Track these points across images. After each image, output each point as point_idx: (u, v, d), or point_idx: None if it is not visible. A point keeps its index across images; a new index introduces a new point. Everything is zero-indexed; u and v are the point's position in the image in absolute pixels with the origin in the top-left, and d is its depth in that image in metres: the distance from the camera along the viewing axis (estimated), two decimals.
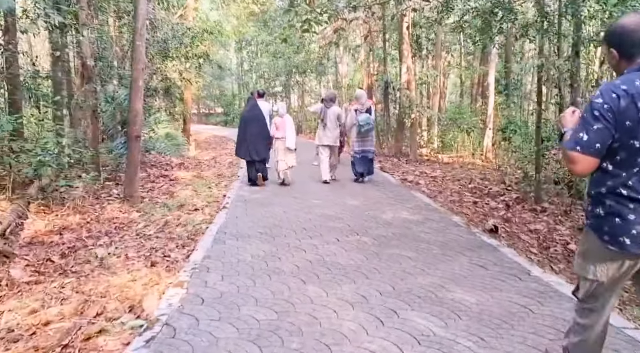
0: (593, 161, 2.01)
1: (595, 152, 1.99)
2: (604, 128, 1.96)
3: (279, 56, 21.50)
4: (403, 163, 14.76)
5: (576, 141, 2.01)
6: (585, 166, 2.04)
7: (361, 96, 9.82)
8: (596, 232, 2.11)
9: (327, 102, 9.56)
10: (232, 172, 10.83)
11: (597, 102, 1.99)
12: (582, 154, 1.99)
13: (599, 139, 1.97)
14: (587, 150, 1.98)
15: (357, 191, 8.24)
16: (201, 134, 25.69)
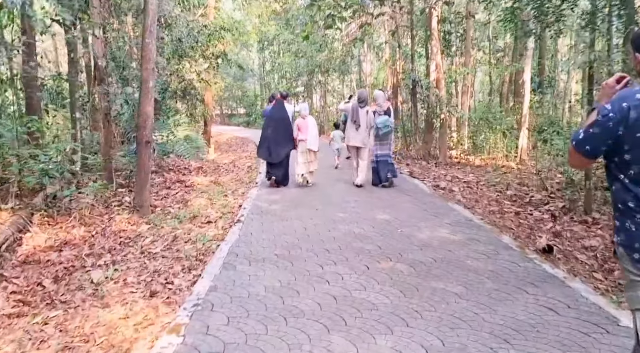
0: (584, 160, 2.02)
1: (585, 152, 1.97)
2: (599, 134, 1.92)
3: (301, 56, 20.71)
4: (432, 166, 13.81)
5: (576, 134, 2.00)
6: (575, 162, 2.09)
7: (379, 97, 9.06)
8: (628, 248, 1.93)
9: (361, 102, 8.76)
10: (250, 177, 10.10)
11: (606, 107, 1.92)
12: (575, 149, 1.99)
13: (590, 143, 1.95)
14: (579, 148, 1.97)
15: (386, 201, 7.38)
16: (223, 135, 25.13)
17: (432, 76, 14.47)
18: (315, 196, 7.81)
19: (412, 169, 11.70)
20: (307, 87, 24.48)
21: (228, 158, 14.36)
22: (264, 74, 30.62)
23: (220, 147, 18.60)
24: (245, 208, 7.05)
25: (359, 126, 8.66)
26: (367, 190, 8.41)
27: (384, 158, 8.82)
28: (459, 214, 6.53)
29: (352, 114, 8.72)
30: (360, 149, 8.81)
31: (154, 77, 7.12)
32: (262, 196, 7.90)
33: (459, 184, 10.21)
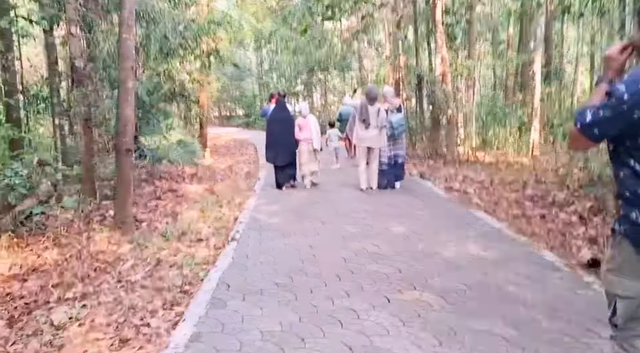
0: (589, 144, 1.88)
1: (592, 136, 1.79)
2: (610, 118, 1.73)
3: (299, 53, 19.82)
4: (441, 165, 12.94)
5: (581, 115, 1.80)
6: (579, 145, 2.03)
7: (388, 93, 8.27)
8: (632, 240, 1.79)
9: (371, 100, 7.86)
10: (249, 185, 9.24)
11: (619, 88, 1.72)
12: (580, 132, 1.81)
13: (599, 127, 1.76)
14: (586, 132, 1.79)
15: (399, 209, 6.51)
16: (221, 138, 24.26)
17: (437, 70, 13.59)
18: (320, 205, 6.94)
19: (421, 170, 10.84)
20: (307, 85, 23.60)
21: (225, 162, 13.50)
22: (262, 73, 29.74)
23: (217, 151, 17.74)
24: (241, 221, 6.19)
25: (368, 125, 7.80)
26: (376, 196, 7.55)
27: (397, 158, 8.11)
28: (485, 223, 5.67)
29: (361, 112, 7.84)
30: (371, 150, 7.96)
31: (133, 77, 6.26)
32: (261, 206, 7.04)
33: (472, 184, 9.35)
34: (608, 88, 1.82)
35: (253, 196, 7.91)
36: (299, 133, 8.40)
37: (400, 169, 8.27)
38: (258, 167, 11.61)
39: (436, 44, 13.86)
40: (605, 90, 1.84)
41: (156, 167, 12.10)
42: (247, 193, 8.41)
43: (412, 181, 8.71)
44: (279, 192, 7.98)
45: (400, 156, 8.17)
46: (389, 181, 8.06)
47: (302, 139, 8.40)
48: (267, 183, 9.05)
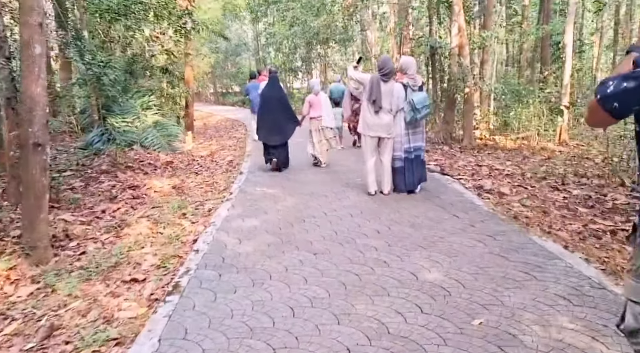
0: (608, 120, 1.61)
1: (612, 110, 1.55)
2: (634, 91, 1.50)
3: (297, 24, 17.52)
4: (457, 152, 10.94)
5: (602, 87, 1.56)
6: (596, 120, 1.70)
7: (410, 65, 5.95)
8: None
9: (385, 74, 5.75)
10: (227, 181, 7.23)
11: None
12: (599, 105, 1.57)
13: (621, 100, 1.53)
14: (606, 105, 1.55)
15: (425, 230, 4.39)
16: (213, 117, 22.18)
17: (453, 41, 11.43)
18: (313, 220, 4.85)
19: (439, 162, 8.82)
20: (306, 61, 21.30)
21: (209, 148, 11.46)
22: (258, 48, 27.33)
23: (205, 132, 15.67)
24: (199, 249, 4.18)
25: (379, 108, 5.71)
26: (389, 205, 5.43)
27: (418, 152, 5.96)
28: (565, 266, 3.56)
29: (371, 90, 5.71)
30: (383, 141, 5.88)
31: (41, 39, 4.18)
32: (234, 220, 5.02)
33: (502, 180, 7.39)
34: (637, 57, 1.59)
35: (228, 200, 5.90)
36: (311, 110, 7.87)
37: (423, 167, 6.14)
38: (244, 155, 9.59)
39: (452, 12, 11.65)
40: (634, 59, 1.59)
41: (125, 154, 10.10)
42: (222, 194, 6.40)
43: (432, 179, 6.69)
44: (260, 196, 5.98)
45: (421, 149, 6.07)
46: (408, 184, 5.96)
47: (313, 116, 7.86)
48: (248, 179, 7.06)
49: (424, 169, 6.11)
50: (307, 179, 6.82)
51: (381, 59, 5.99)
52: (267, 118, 7.75)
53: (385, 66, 5.73)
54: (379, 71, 5.82)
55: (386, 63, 5.80)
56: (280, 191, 6.21)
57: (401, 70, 5.99)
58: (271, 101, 7.79)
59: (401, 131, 5.87)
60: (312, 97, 7.97)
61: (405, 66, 5.91)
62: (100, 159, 9.54)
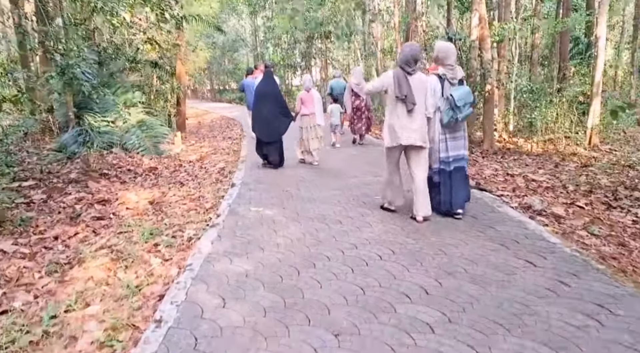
0: None
1: None
2: None
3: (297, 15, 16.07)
4: (478, 157, 9.59)
5: None
6: None
7: (448, 52, 4.42)
8: None
9: (409, 64, 4.41)
10: (216, 196, 5.82)
11: None
12: None
13: None
14: None
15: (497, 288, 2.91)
16: (209, 115, 20.73)
17: (473, 33, 10.04)
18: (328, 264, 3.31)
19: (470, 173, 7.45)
20: (306, 56, 19.83)
21: (200, 150, 10.04)
22: (257, 43, 25.83)
23: (198, 131, 14.24)
24: (162, 318, 2.78)
25: (413, 105, 4.33)
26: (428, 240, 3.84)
27: (459, 163, 4.54)
28: None
29: (399, 85, 4.35)
30: (414, 151, 4.47)
31: None
32: (218, 260, 3.59)
33: (544, 193, 6.05)
34: None
35: (214, 227, 4.49)
36: (302, 107, 7.59)
37: (466, 184, 4.68)
38: (237, 160, 8.19)
39: (472, 1, 10.24)
40: None
41: (104, 157, 8.69)
42: (208, 215, 5.00)
43: None
44: (254, 220, 4.55)
45: (464, 159, 4.64)
46: (444, 204, 4.51)
47: (304, 114, 7.58)
48: (241, 195, 5.65)
49: (467, 186, 4.66)
50: (314, 196, 5.43)
51: (407, 47, 4.52)
52: (262, 114, 7.47)
53: (412, 55, 4.35)
54: (403, 63, 4.43)
55: (413, 50, 4.41)
56: (281, 212, 4.81)
57: (436, 59, 4.51)
58: (266, 96, 7.48)
59: (437, 135, 4.49)
60: (304, 93, 7.65)
61: (443, 54, 4.40)
62: (73, 164, 8.14)
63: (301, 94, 7.73)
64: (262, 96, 7.54)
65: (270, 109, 7.40)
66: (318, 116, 7.55)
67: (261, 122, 7.47)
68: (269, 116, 7.39)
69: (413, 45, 4.60)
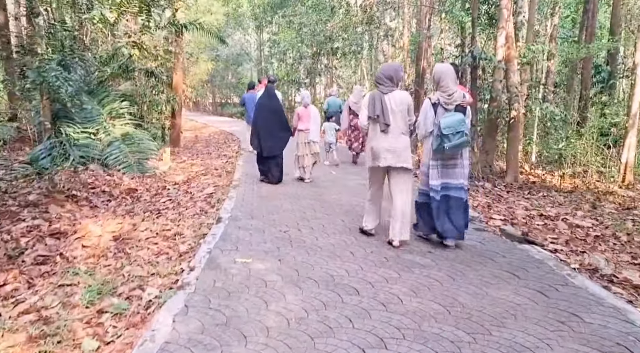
0: None
1: None
2: None
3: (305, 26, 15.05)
4: (502, 191, 8.43)
5: None
6: None
7: (442, 74, 4.10)
8: None
9: (383, 82, 4.22)
10: (197, 232, 4.61)
11: None
12: None
13: None
14: None
15: None
16: (207, 128, 19.63)
17: (499, 53, 8.97)
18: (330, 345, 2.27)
19: (481, 203, 6.33)
20: (311, 73, 18.80)
21: (191, 169, 8.86)
22: (261, 58, 24.89)
23: (193, 146, 13.08)
24: None
25: (386, 126, 4.15)
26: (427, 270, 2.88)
27: (455, 193, 4.19)
28: None
29: (372, 105, 4.22)
30: (395, 172, 4.21)
31: None
32: (179, 350, 2.42)
33: (594, 244, 4.88)
34: None
35: (182, 287, 3.25)
36: (299, 123, 7.48)
37: (463, 212, 4.23)
38: (229, 184, 6.99)
39: (499, 17, 9.20)
40: None
41: (77, 174, 7.51)
42: (179, 264, 3.77)
43: (512, 251, 4.14)
44: (239, 281, 3.26)
45: (461, 189, 4.25)
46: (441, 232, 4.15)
47: (301, 129, 7.46)
48: (227, 236, 4.44)
49: (461, 216, 4.18)
50: (319, 243, 4.21)
51: (382, 68, 4.36)
52: (262, 128, 7.29)
53: (385, 74, 4.17)
54: (377, 82, 4.27)
55: (388, 69, 4.24)
56: (275, 267, 3.59)
57: (433, 83, 4.21)
58: (267, 111, 7.31)
59: (427, 161, 4.20)
60: (302, 109, 7.53)
61: (437, 77, 4.12)
62: (40, 182, 6.96)
63: (299, 109, 7.61)
64: (263, 110, 7.37)
65: (270, 123, 7.25)
66: (313, 132, 7.39)
67: (261, 137, 7.28)
68: (269, 130, 7.24)
69: (390, 64, 4.46)
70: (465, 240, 4.29)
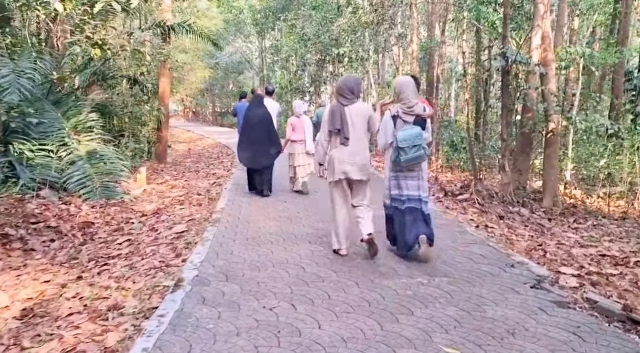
0: None
1: None
2: None
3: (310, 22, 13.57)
4: (543, 220, 6.90)
5: None
6: None
7: (402, 87, 3.98)
8: None
9: (345, 94, 4.06)
10: (145, 302, 3.12)
11: None
12: None
13: None
14: None
15: None
16: (204, 140, 18.20)
17: (535, 55, 7.45)
18: None
19: (529, 241, 4.78)
20: (315, 81, 17.33)
21: (168, 194, 7.34)
22: (263, 65, 23.47)
23: (182, 162, 11.59)
24: None
25: (345, 139, 3.99)
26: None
27: (413, 203, 3.95)
28: None
29: (331, 119, 4.05)
30: (356, 183, 4.08)
31: None
32: None
33: None
34: None
35: None
36: (292, 134, 7.12)
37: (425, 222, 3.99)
38: (209, 217, 5.45)
39: (534, 14, 7.71)
40: None
41: (21, 205, 6.01)
42: None
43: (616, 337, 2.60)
44: None
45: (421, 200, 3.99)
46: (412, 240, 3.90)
47: (295, 140, 7.11)
48: (183, 316, 2.90)
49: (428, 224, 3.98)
50: (322, 336, 2.69)
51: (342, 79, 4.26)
52: (248, 141, 7.02)
53: (345, 86, 4.07)
54: (337, 93, 4.16)
55: (348, 82, 4.14)
56: None
57: (396, 95, 4.03)
58: (255, 122, 7.03)
59: (388, 172, 4.17)
60: (295, 119, 7.25)
61: (397, 89, 4.03)
62: None
63: (292, 119, 7.30)
64: (251, 122, 7.05)
65: (258, 136, 6.94)
66: (308, 143, 7.06)
67: (247, 150, 7.00)
68: (257, 143, 6.93)
69: (349, 76, 4.51)
70: (555, 332, 2.72)
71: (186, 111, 33.92)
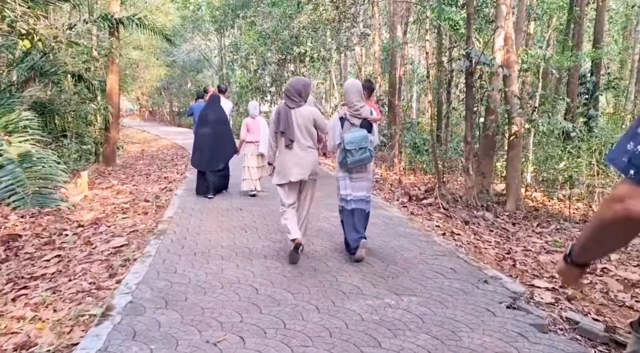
0: None
1: None
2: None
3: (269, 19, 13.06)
4: (507, 223, 6.76)
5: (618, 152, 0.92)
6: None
7: (348, 90, 4.05)
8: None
9: (292, 97, 3.93)
10: (60, 338, 2.57)
11: None
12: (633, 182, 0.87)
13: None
14: None
15: None
16: (159, 140, 17.33)
17: (498, 56, 7.32)
18: None
19: (499, 248, 4.55)
20: (277, 81, 16.80)
21: (114, 199, 6.67)
22: (222, 64, 22.67)
23: (133, 165, 10.81)
24: None
25: (290, 141, 3.88)
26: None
27: (360, 204, 4.02)
28: None
29: (277, 120, 3.93)
30: (304, 184, 4.03)
31: None
32: None
33: None
34: None
35: None
36: (247, 134, 6.89)
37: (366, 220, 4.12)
38: (155, 228, 4.88)
39: (497, 15, 7.58)
40: None
41: None
42: None
43: None
44: None
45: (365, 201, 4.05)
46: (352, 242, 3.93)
47: (249, 141, 6.89)
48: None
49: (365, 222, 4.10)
50: None
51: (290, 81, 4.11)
52: (204, 143, 6.83)
53: (293, 88, 3.92)
54: (286, 95, 4.00)
55: (296, 84, 3.99)
56: None
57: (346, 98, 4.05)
58: (210, 122, 6.87)
59: (337, 172, 4.17)
60: (250, 120, 7.03)
61: (344, 92, 4.11)
62: None
63: (247, 120, 7.07)
64: (205, 122, 6.87)
65: (213, 137, 6.77)
66: (262, 144, 6.81)
67: (201, 151, 6.79)
68: (211, 145, 6.77)
69: (298, 78, 4.24)
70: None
71: (142, 110, 32.54)
